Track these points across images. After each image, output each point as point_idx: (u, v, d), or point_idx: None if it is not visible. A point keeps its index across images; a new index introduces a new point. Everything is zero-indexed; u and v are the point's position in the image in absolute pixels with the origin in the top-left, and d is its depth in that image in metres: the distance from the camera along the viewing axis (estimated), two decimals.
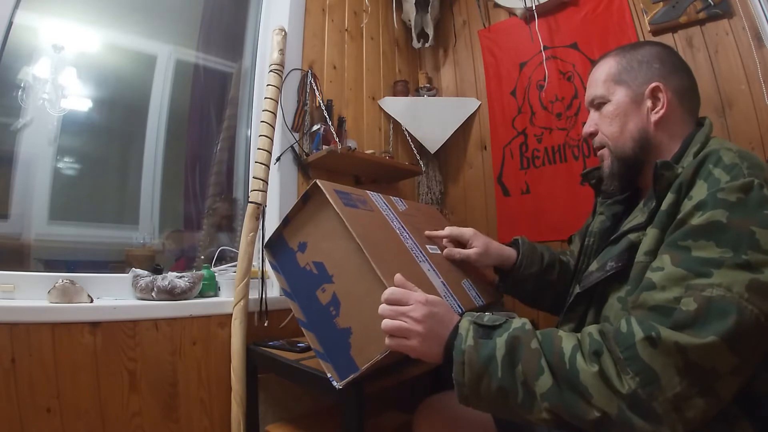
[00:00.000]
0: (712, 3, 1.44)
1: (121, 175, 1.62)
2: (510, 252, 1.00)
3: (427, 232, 1.03)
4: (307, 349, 1.13)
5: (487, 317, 0.67)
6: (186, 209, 1.70)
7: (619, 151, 0.80)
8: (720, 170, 0.61)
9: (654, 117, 0.77)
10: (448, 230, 1.03)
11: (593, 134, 0.85)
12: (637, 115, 0.78)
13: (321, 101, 1.65)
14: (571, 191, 1.75)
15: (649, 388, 0.52)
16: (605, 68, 0.83)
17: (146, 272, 1.21)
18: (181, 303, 1.20)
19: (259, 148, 1.38)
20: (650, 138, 0.77)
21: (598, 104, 0.84)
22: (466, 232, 1.00)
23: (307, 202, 0.91)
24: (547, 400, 0.57)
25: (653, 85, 0.77)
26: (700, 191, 0.61)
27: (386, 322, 0.68)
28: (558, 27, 1.87)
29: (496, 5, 2.07)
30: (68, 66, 1.43)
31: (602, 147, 0.84)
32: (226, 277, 1.40)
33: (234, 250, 1.46)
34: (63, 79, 1.41)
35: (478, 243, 0.98)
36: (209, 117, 1.77)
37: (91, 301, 1.07)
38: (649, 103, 0.77)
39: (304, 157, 1.61)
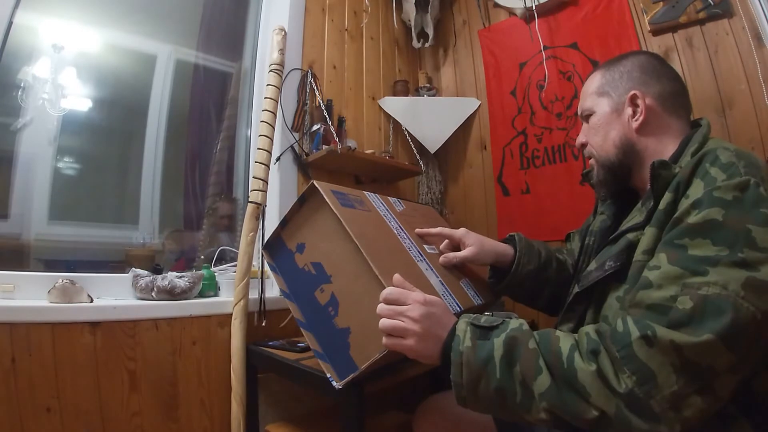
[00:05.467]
0: (712, 3, 1.44)
1: (121, 175, 1.62)
2: (506, 248, 0.99)
3: (417, 230, 1.03)
4: (307, 348, 1.13)
5: (484, 318, 0.67)
6: (186, 209, 1.70)
7: (603, 159, 0.84)
8: (717, 169, 0.61)
9: (634, 124, 0.79)
10: (439, 229, 1.02)
11: (584, 145, 0.89)
12: (619, 123, 0.82)
13: (321, 101, 1.65)
14: (571, 191, 1.75)
15: (646, 387, 0.52)
16: (593, 82, 0.88)
17: (146, 272, 1.21)
18: (181, 303, 1.20)
19: (259, 148, 1.38)
20: (633, 144, 0.80)
21: (586, 116, 0.88)
22: (457, 232, 1.00)
23: (305, 203, 0.91)
24: (546, 400, 0.57)
25: (631, 93, 0.80)
26: (696, 190, 0.61)
27: (383, 322, 0.68)
28: (558, 27, 1.87)
29: (496, 5, 2.08)
30: (68, 66, 1.43)
31: (591, 157, 0.88)
32: (226, 277, 1.40)
33: (234, 250, 1.46)
34: (63, 79, 1.41)
35: (471, 241, 0.97)
36: (209, 117, 1.77)
37: (91, 301, 1.07)
38: (629, 110, 0.80)
39: (304, 157, 1.62)
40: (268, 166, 1.38)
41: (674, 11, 1.52)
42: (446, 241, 1.01)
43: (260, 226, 1.34)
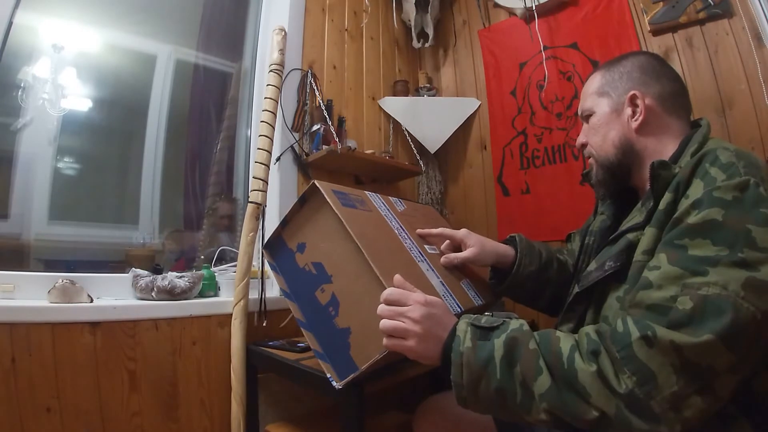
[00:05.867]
0: (712, 3, 1.44)
1: (121, 175, 1.62)
2: (507, 249, 0.99)
3: (419, 231, 1.03)
4: (307, 349, 1.13)
5: (485, 319, 0.67)
6: (186, 209, 1.70)
7: (603, 159, 0.84)
8: (716, 169, 0.61)
9: (634, 124, 0.80)
10: (440, 230, 1.02)
11: (584, 145, 0.89)
12: (618, 123, 0.82)
13: (321, 101, 1.65)
14: (571, 191, 1.75)
15: (646, 387, 0.52)
16: (593, 82, 0.88)
17: (146, 272, 1.21)
18: (181, 303, 1.20)
19: (259, 148, 1.38)
20: (632, 144, 0.80)
21: (586, 116, 0.88)
22: (459, 233, 1.00)
23: (306, 202, 0.91)
24: (546, 401, 0.57)
25: (631, 93, 0.80)
26: (696, 190, 0.61)
27: (384, 322, 0.68)
28: (558, 27, 1.87)
29: (496, 5, 2.08)
30: (68, 66, 1.43)
31: (590, 157, 0.88)
32: (226, 277, 1.40)
33: (234, 250, 1.46)
34: (63, 79, 1.41)
35: (472, 242, 0.97)
36: (209, 117, 1.77)
37: (91, 301, 1.07)
38: (628, 110, 0.80)
39: (304, 157, 1.62)
40: (268, 166, 1.38)
41: (674, 11, 1.52)
42: (447, 241, 1.01)
43: (260, 226, 1.34)
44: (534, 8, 1.87)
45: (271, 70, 1.48)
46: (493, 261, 0.99)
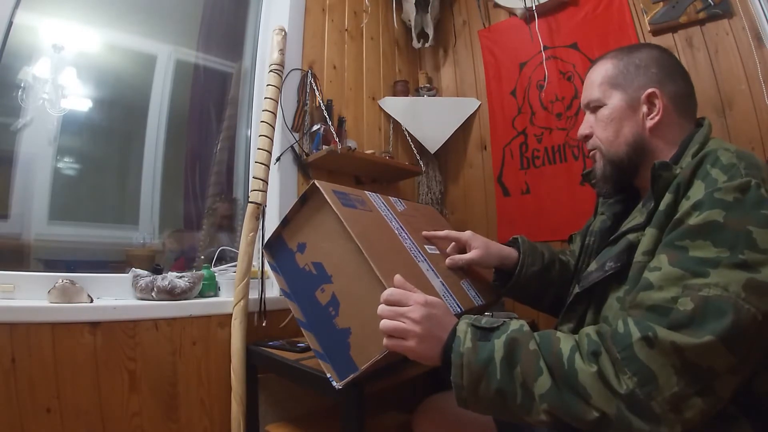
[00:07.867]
0: (712, 3, 1.44)
1: (121, 175, 1.62)
2: (510, 251, 0.99)
3: (424, 233, 1.03)
4: (307, 349, 1.13)
5: (485, 320, 0.67)
6: (186, 209, 1.70)
7: (612, 155, 0.81)
8: (717, 170, 0.61)
9: (649, 123, 0.77)
10: (446, 232, 1.02)
11: (588, 137, 0.85)
12: (633, 120, 0.78)
13: (321, 101, 1.65)
14: (571, 191, 1.75)
15: (647, 388, 0.52)
16: (602, 71, 0.83)
17: (146, 272, 1.21)
18: (181, 303, 1.20)
19: (259, 148, 1.38)
20: (645, 143, 0.78)
21: (594, 107, 0.83)
22: (464, 234, 1.00)
23: (306, 202, 0.91)
24: (546, 401, 0.57)
25: (650, 90, 0.76)
26: (697, 191, 0.61)
27: (384, 323, 0.68)
28: (558, 27, 1.87)
29: (496, 5, 2.08)
30: (68, 66, 1.43)
31: (594, 149, 0.84)
32: (226, 277, 1.40)
33: (234, 250, 1.46)
34: (63, 79, 1.41)
35: (478, 244, 0.97)
36: (209, 117, 1.77)
37: (91, 301, 1.07)
38: (644, 108, 0.77)
39: (304, 157, 1.62)
40: (268, 166, 1.38)
41: (674, 11, 1.52)
42: (453, 243, 1.01)
43: (260, 226, 1.34)
44: (534, 8, 1.87)
45: (271, 70, 1.48)
46: (497, 263, 0.99)
